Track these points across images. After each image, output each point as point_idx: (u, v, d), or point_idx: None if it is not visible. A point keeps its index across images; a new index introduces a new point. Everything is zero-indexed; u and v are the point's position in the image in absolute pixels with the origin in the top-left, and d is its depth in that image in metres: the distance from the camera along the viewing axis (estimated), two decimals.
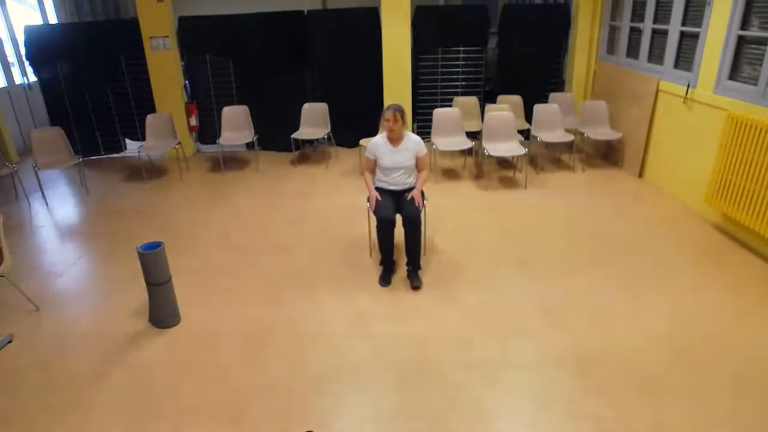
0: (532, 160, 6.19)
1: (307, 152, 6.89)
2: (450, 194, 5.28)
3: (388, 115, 3.50)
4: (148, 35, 6.37)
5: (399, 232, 3.58)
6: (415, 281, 3.58)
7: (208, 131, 6.92)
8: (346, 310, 3.37)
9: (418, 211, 3.52)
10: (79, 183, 6.00)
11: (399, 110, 3.52)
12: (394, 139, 3.60)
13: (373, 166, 3.72)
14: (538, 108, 5.79)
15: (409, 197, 3.50)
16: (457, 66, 6.74)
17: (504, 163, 6.16)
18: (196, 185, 5.85)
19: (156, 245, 3.12)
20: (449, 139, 5.64)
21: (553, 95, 6.44)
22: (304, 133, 6.28)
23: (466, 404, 2.55)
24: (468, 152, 6.09)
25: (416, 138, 3.67)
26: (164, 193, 5.63)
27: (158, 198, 5.50)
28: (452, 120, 5.70)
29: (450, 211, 4.82)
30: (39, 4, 8.23)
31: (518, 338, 3.03)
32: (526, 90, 6.48)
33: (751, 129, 3.80)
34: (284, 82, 6.72)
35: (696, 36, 4.59)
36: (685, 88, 4.67)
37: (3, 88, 7.33)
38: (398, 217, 3.56)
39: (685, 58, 4.82)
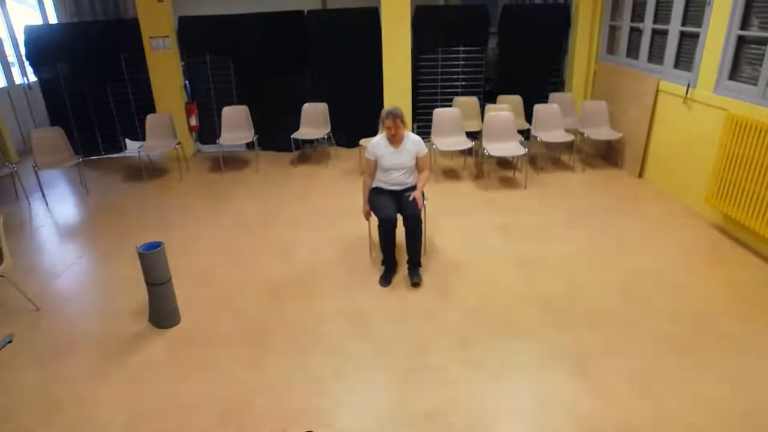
0: (532, 160, 6.19)
1: (307, 152, 6.89)
2: (450, 194, 5.28)
3: (388, 123, 3.49)
4: (148, 35, 6.37)
5: (399, 233, 3.58)
6: (414, 278, 3.59)
7: (208, 131, 6.92)
8: (346, 309, 3.37)
9: (419, 210, 3.52)
10: (79, 183, 6.00)
11: (398, 116, 3.49)
12: (395, 141, 3.60)
13: (373, 169, 3.70)
14: (538, 108, 5.80)
15: (410, 198, 3.49)
16: (457, 66, 6.74)
17: (504, 163, 6.16)
18: (196, 185, 5.85)
19: (156, 245, 3.12)
20: (449, 139, 5.64)
21: (553, 95, 6.44)
22: (304, 133, 6.28)
23: (467, 404, 2.55)
24: (468, 152, 6.09)
25: (416, 138, 3.67)
26: (164, 193, 5.63)
27: (158, 198, 5.50)
28: (452, 120, 5.70)
29: (450, 212, 4.81)
30: (39, 4, 8.23)
31: (518, 337, 3.03)
32: (526, 90, 6.48)
33: (751, 129, 3.80)
34: (284, 82, 6.73)
35: (696, 36, 4.59)
36: (685, 88, 4.67)
37: (3, 88, 7.34)
38: (399, 217, 3.56)
39: (685, 58, 4.82)
